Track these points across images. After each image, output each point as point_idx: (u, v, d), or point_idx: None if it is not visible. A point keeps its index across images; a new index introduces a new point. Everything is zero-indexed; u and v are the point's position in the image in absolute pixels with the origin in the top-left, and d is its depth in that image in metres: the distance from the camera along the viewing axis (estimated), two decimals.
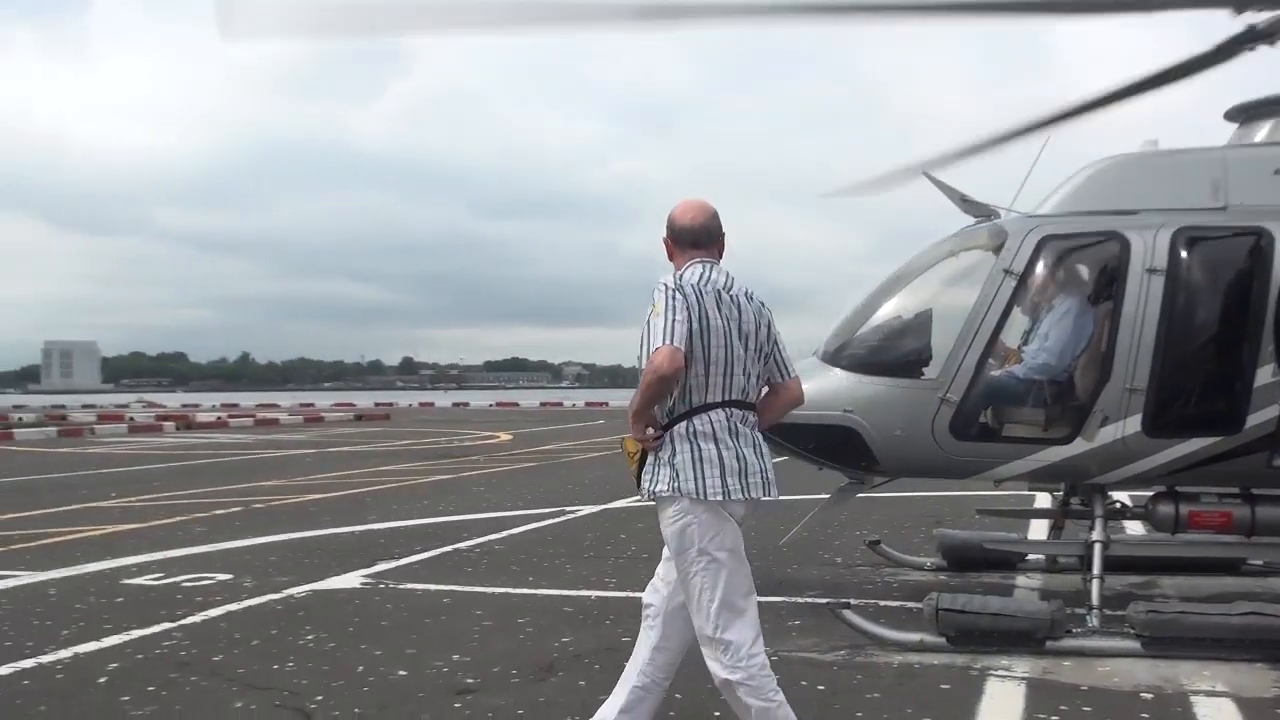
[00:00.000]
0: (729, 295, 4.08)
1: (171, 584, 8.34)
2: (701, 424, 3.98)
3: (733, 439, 4.01)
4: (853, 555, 9.34)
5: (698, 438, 3.97)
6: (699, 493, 3.95)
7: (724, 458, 3.97)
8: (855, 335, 7.34)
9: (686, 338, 3.90)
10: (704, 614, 4.02)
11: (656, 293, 3.99)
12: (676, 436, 3.99)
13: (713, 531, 3.99)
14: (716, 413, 4.00)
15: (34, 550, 10.13)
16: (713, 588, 4.00)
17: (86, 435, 33.16)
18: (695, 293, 3.99)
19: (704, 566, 3.99)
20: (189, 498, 14.54)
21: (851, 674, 5.77)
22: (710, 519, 3.98)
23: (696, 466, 3.95)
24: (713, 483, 3.96)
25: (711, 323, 3.98)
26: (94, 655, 6.25)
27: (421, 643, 6.42)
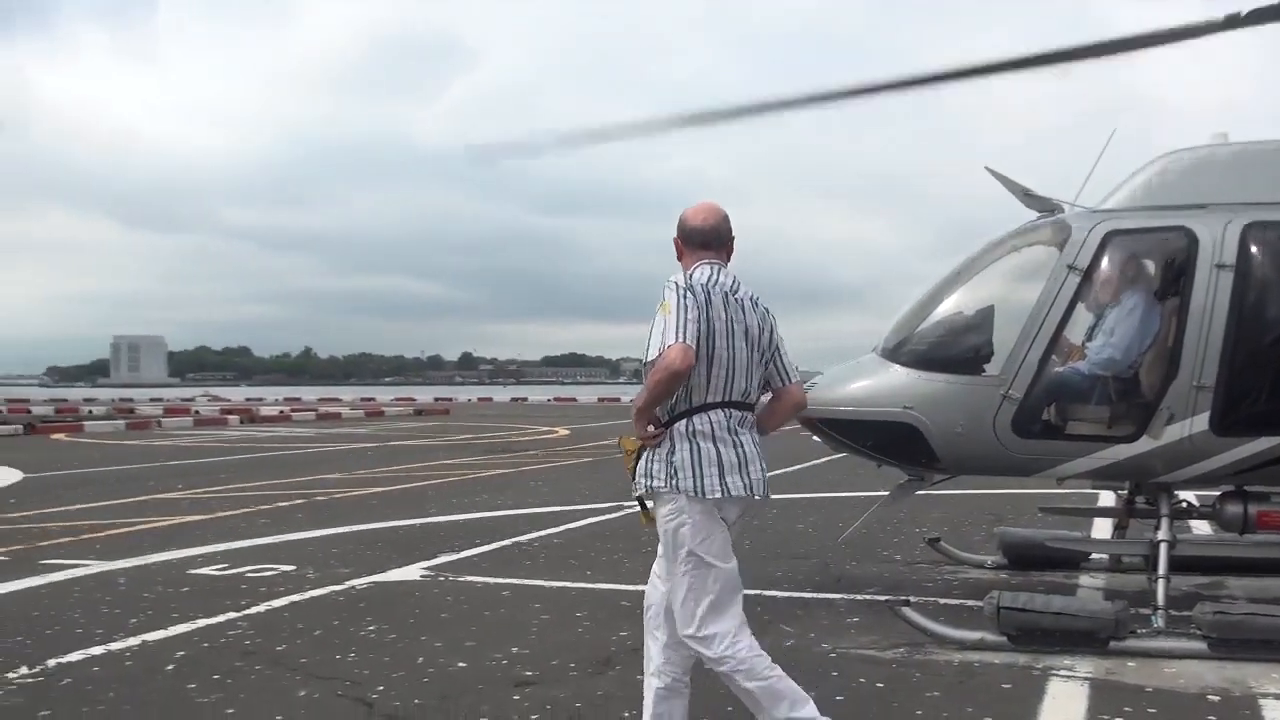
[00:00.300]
0: (735, 298, 4.16)
1: (236, 575, 8.47)
2: (701, 423, 4.05)
3: (731, 438, 4.09)
4: (912, 553, 9.27)
5: (697, 436, 4.05)
6: (697, 491, 4.02)
7: (722, 457, 4.05)
8: (916, 331, 7.28)
9: (695, 332, 3.97)
10: (687, 613, 4.09)
11: (667, 291, 4.06)
12: (676, 435, 4.05)
13: (704, 534, 4.05)
14: (716, 413, 4.07)
15: (104, 540, 10.34)
16: (699, 590, 4.07)
17: (154, 428, 33.79)
18: (704, 293, 4.07)
19: (692, 569, 4.06)
20: (253, 490, 14.76)
21: (911, 672, 5.73)
22: (703, 521, 4.05)
23: (696, 465, 4.03)
24: (711, 482, 4.03)
25: (717, 324, 4.06)
26: (162, 643, 6.37)
27: (481, 635, 6.47)
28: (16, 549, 9.80)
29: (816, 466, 17.91)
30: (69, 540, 10.32)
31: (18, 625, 6.80)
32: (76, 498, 13.99)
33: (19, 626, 6.77)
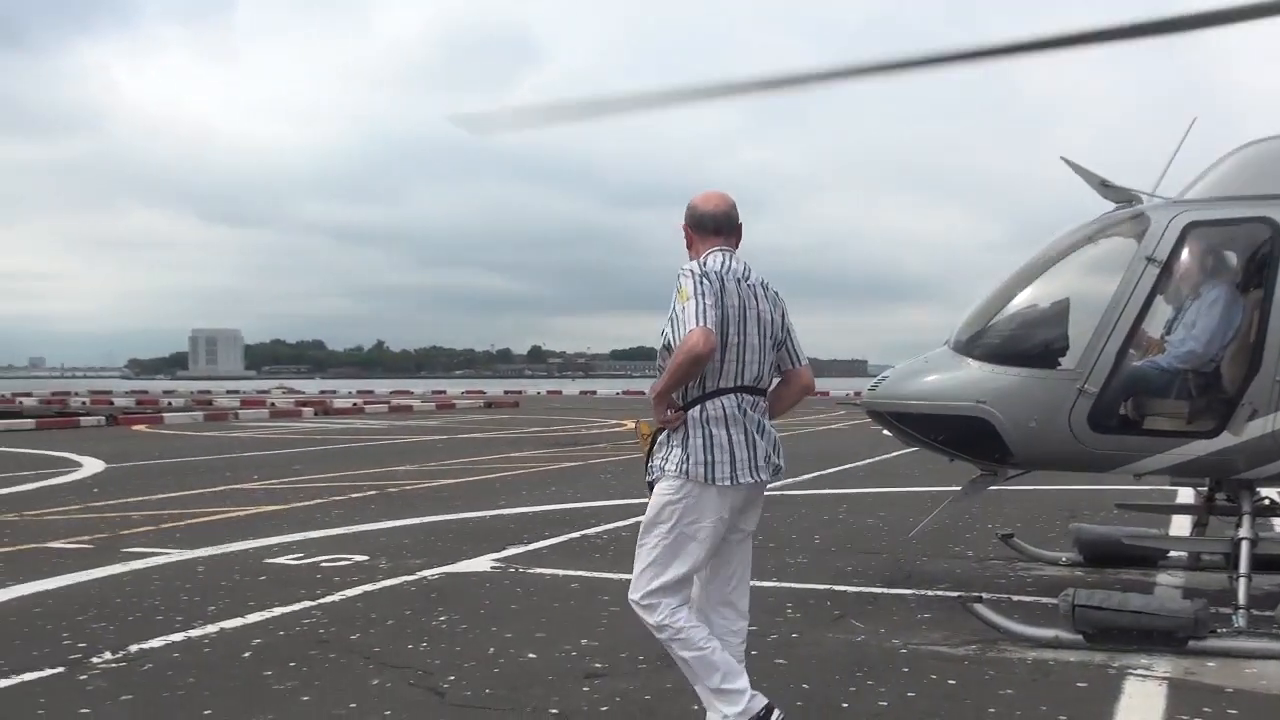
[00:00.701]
0: (747, 284, 4.22)
1: (311, 564, 8.61)
2: (714, 408, 4.11)
3: (743, 422, 4.14)
4: (984, 549, 9.16)
5: (710, 423, 4.10)
6: (707, 477, 4.08)
7: (734, 442, 4.11)
8: (989, 324, 7.19)
9: (715, 318, 4.03)
10: (643, 580, 4.15)
11: (683, 278, 4.11)
12: (690, 420, 4.11)
13: (693, 517, 4.11)
14: (728, 398, 4.13)
15: (183, 529, 10.56)
16: (663, 566, 4.12)
17: (230, 420, 34.43)
18: (719, 279, 4.13)
19: (672, 541, 4.12)
20: (327, 481, 14.98)
21: (983, 669, 5.67)
22: (697, 504, 4.10)
23: (708, 451, 4.09)
24: (721, 469, 4.09)
25: (730, 310, 4.12)
26: (239, 630, 6.49)
27: (550, 626, 6.51)
28: (100, 537, 10.05)
29: (887, 461, 17.77)
30: (150, 529, 10.56)
31: (102, 611, 6.97)
32: (157, 487, 14.31)
33: (103, 612, 6.94)
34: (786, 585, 7.73)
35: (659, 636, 4.18)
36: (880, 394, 7.51)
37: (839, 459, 18.44)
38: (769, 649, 5.99)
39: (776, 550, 9.17)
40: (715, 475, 4.08)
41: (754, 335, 4.18)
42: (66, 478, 15.88)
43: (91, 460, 18.70)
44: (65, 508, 12.26)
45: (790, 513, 11.59)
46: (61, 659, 5.85)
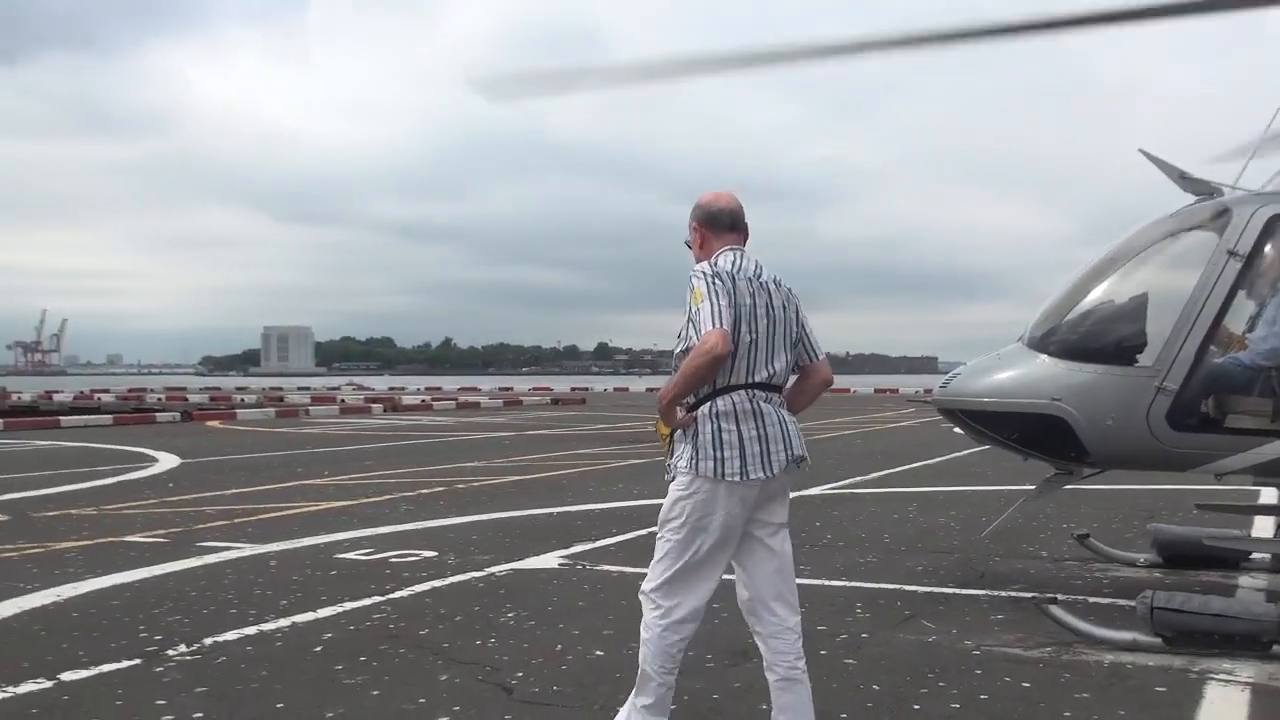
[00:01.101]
0: (759, 282, 4.23)
1: (380, 559, 8.70)
2: (724, 404, 4.12)
3: (754, 418, 4.12)
4: (1060, 549, 9.02)
5: (720, 418, 4.11)
6: (717, 473, 4.07)
7: (744, 438, 4.10)
8: (1064, 320, 7.07)
9: (732, 320, 4.05)
10: (654, 573, 4.20)
11: (695, 279, 4.14)
12: (700, 417, 4.12)
13: (703, 513, 4.11)
14: (739, 394, 4.13)
15: (256, 524, 10.73)
16: (676, 557, 4.15)
17: (301, 416, 34.94)
18: (730, 278, 4.15)
19: (684, 535, 4.13)
20: (396, 477, 15.14)
21: (1058, 672, 5.57)
22: (708, 499, 4.10)
23: (716, 448, 4.09)
24: (731, 465, 4.08)
25: (741, 309, 4.12)
26: (310, 625, 6.58)
27: (618, 624, 6.52)
28: (175, 531, 10.25)
29: (958, 459, 17.56)
30: (223, 523, 10.75)
31: (177, 604, 7.11)
32: (230, 482, 14.56)
33: (178, 605, 7.07)
34: (856, 584, 7.67)
35: (643, 634, 4.20)
36: (952, 391, 7.42)
37: (908, 457, 18.26)
38: (838, 649, 5.95)
39: (845, 549, 9.10)
40: (725, 471, 4.07)
41: (765, 333, 4.19)
42: (143, 473, 16.22)
43: (167, 455, 19.07)
44: (142, 502, 12.52)
45: (859, 511, 11.50)
46: (138, 651, 5.97)
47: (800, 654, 4.31)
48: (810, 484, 13.84)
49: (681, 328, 4.20)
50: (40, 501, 12.73)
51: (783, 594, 4.31)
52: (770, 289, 4.25)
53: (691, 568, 4.16)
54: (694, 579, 4.18)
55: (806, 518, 10.96)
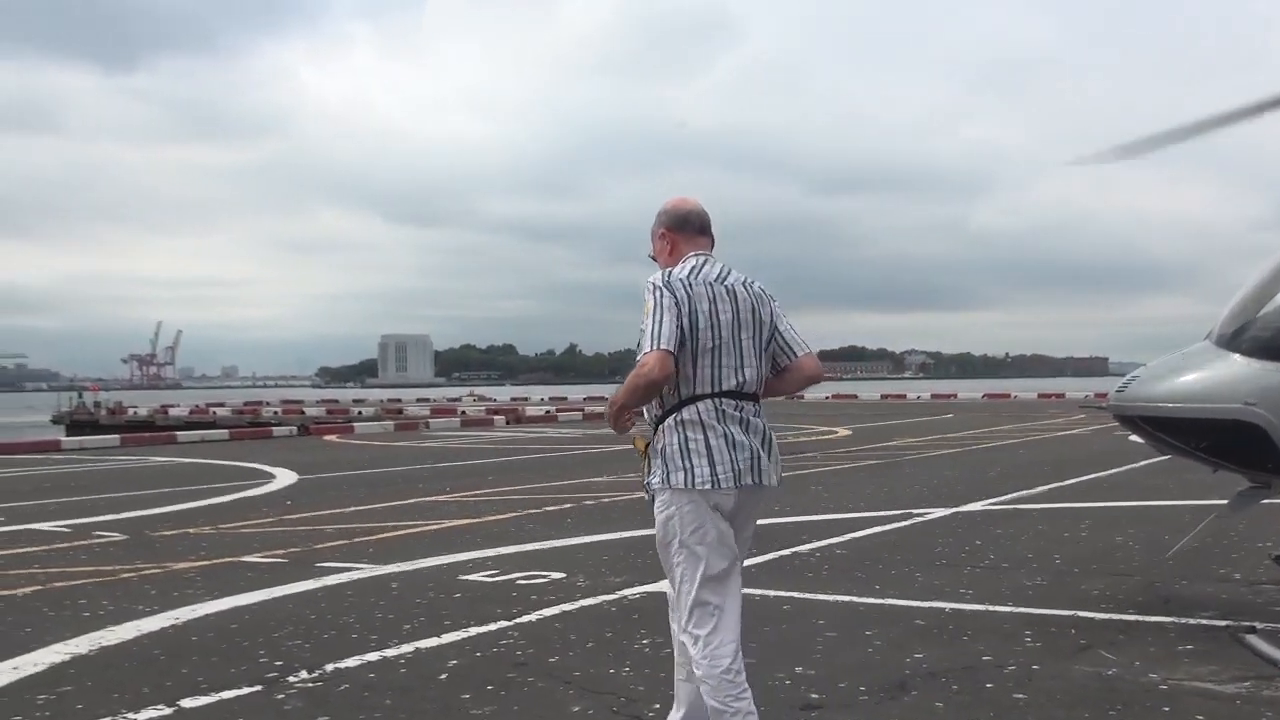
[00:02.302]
0: (723, 286, 4.31)
1: (506, 581, 8.80)
2: (689, 413, 4.21)
3: (722, 426, 4.21)
4: (1255, 571, 8.65)
5: (685, 427, 4.20)
6: (686, 483, 4.16)
7: (711, 446, 4.19)
8: (1260, 315, 6.79)
9: (676, 336, 4.13)
10: (682, 606, 4.26)
11: (647, 293, 4.24)
12: (666, 429, 4.23)
13: (694, 524, 4.19)
14: (705, 403, 4.21)
15: (376, 544, 10.97)
16: (691, 581, 4.21)
17: (421, 429, 35.71)
18: (684, 286, 4.23)
19: (684, 559, 4.21)
20: (521, 493, 15.33)
21: (1258, 710, 5.33)
22: (693, 511, 4.18)
23: (684, 457, 4.18)
24: (700, 473, 4.16)
25: (700, 316, 4.20)
26: (434, 651, 6.68)
27: (761, 652, 6.46)
28: (294, 551, 10.54)
29: (1137, 470, 17.04)
30: (343, 543, 11.01)
31: (297, 628, 7.29)
32: (349, 500, 14.92)
33: (298, 629, 7.26)
34: (1023, 610, 7.47)
35: (697, 672, 4.21)
36: (1130, 396, 7.19)
37: (1079, 468, 17.77)
38: (1006, 681, 5.80)
39: (1011, 571, 8.89)
40: (695, 480, 4.16)
41: (731, 339, 4.26)
42: (260, 490, 16.74)
43: (284, 472, 19.66)
44: (259, 521, 12.92)
45: (1026, 529, 11.23)
46: (259, 677, 6.14)
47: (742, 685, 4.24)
48: (970, 499, 13.61)
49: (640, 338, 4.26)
50: (157, 520, 13.23)
51: None
52: (737, 292, 4.33)
53: (709, 587, 4.21)
54: (717, 598, 4.22)
55: (965, 536, 10.75)
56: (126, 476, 19.76)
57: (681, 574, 4.23)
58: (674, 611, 4.44)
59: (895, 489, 15.32)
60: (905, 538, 10.81)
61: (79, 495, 16.52)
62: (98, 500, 15.72)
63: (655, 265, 4.53)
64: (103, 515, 13.79)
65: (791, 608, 7.69)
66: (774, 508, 13.25)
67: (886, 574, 8.88)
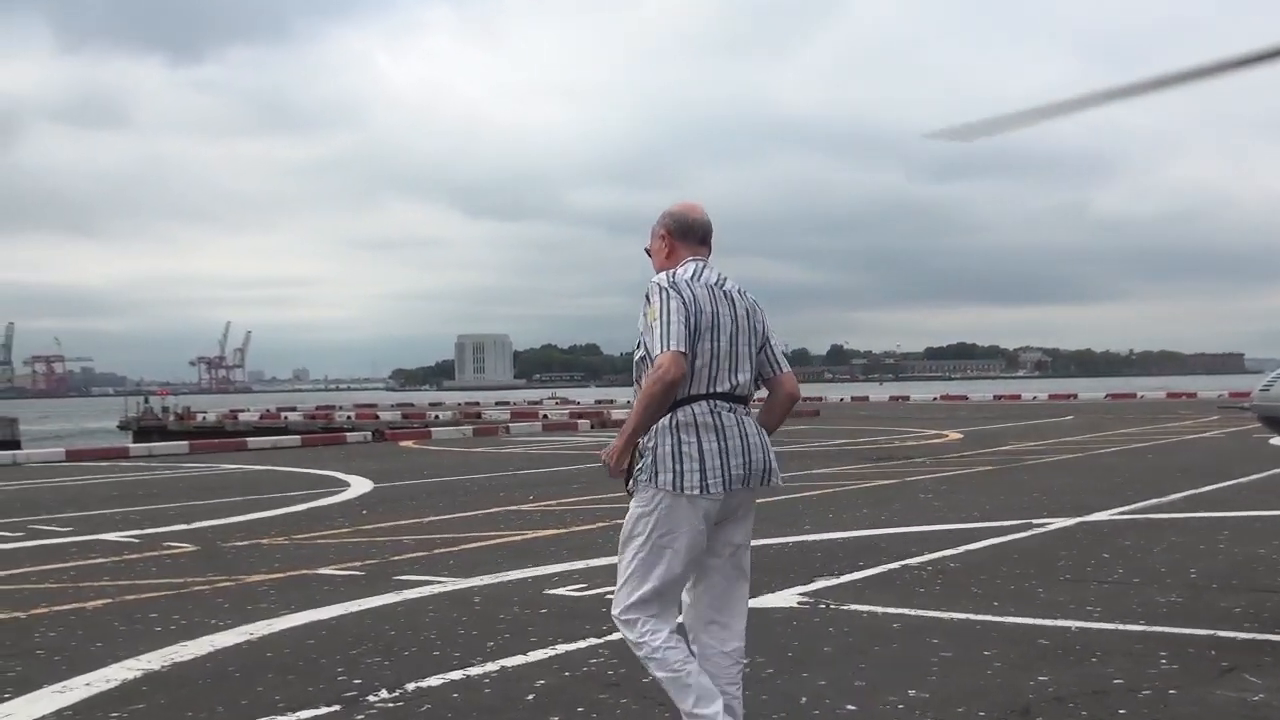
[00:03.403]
0: (721, 291, 4.63)
1: (595, 595, 8.82)
2: (684, 415, 4.47)
3: (716, 429, 4.49)
4: None
5: (680, 429, 4.46)
6: (676, 486, 4.42)
7: (704, 450, 4.45)
8: None
9: (686, 336, 4.41)
10: (622, 596, 4.55)
11: (651, 293, 4.52)
12: (659, 430, 4.47)
13: (667, 528, 4.45)
14: (699, 404, 4.49)
15: (457, 555, 11.07)
16: (640, 580, 4.50)
17: (501, 434, 35.98)
18: (688, 287, 4.55)
19: (646, 554, 4.49)
20: (607, 502, 15.36)
21: None
22: (669, 515, 4.45)
23: (676, 460, 4.44)
24: (690, 478, 4.42)
25: (701, 318, 4.50)
26: (521, 670, 6.72)
27: (871, 674, 6.41)
28: (371, 563, 10.67)
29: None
30: (422, 554, 11.13)
31: (376, 644, 7.38)
32: (427, 509, 15.09)
33: (377, 646, 7.34)
34: (1158, 629, 7.32)
35: (637, 654, 4.57)
36: (1277, 395, 7.01)
37: (1215, 474, 17.39)
38: (1140, 707, 5.68)
39: (1142, 587, 8.71)
40: (684, 484, 4.42)
41: (727, 343, 4.55)
42: (334, 498, 16.99)
43: (359, 479, 19.93)
44: (335, 531, 13.11)
45: (1156, 540, 11.01)
46: (337, 696, 6.22)
47: (736, 680, 4.70)
48: (1094, 507, 13.39)
49: (639, 337, 4.56)
50: (229, 530, 13.48)
51: (728, 617, 4.71)
52: (734, 298, 4.66)
53: (660, 589, 4.50)
54: (665, 599, 4.54)
55: (1091, 549, 10.57)
56: (196, 484, 20.17)
57: (634, 568, 4.51)
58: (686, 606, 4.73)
59: (1012, 497, 15.11)
60: (1025, 550, 10.65)
61: (148, 504, 16.90)
62: (167, 509, 16.07)
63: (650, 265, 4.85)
64: (173, 525, 14.10)
65: (902, 626, 7.61)
66: (881, 516, 13.17)
67: (1005, 589, 8.75)
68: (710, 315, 4.52)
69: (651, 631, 4.50)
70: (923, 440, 28.16)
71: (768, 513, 13.88)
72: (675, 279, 4.57)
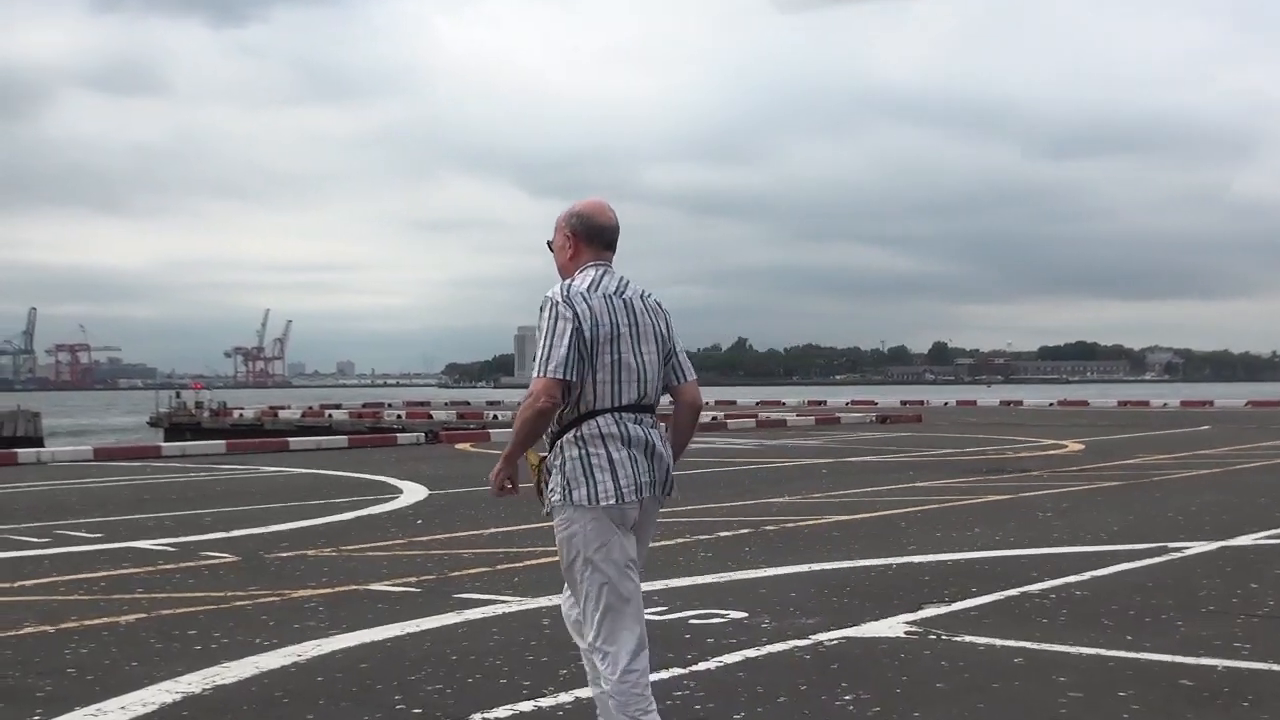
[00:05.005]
0: (621, 299, 4.95)
1: (677, 620, 8.81)
2: (589, 428, 4.83)
3: (623, 439, 4.85)
4: None
5: (587, 442, 4.82)
6: (591, 499, 4.79)
7: (614, 460, 4.82)
8: None
9: (569, 358, 4.73)
10: (589, 622, 4.88)
11: (543, 308, 4.85)
12: (565, 444, 4.85)
13: (598, 541, 4.82)
14: (605, 418, 4.84)
15: (522, 571, 11.11)
16: (597, 598, 4.84)
17: None
18: (584, 300, 4.85)
19: (589, 575, 4.84)
20: (688, 515, 15.34)
21: None
22: (596, 528, 4.81)
23: (587, 474, 4.80)
24: (604, 488, 4.80)
25: (601, 330, 4.82)
26: None
27: (991, 713, 6.35)
28: (428, 579, 10.73)
29: None
30: (483, 570, 11.17)
31: (436, 670, 7.41)
32: (488, 519, 15.13)
33: (437, 672, 7.37)
34: None
35: (605, 688, 4.86)
36: None
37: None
38: None
39: None
40: (598, 494, 4.79)
41: (631, 353, 4.88)
42: (385, 506, 17.12)
43: (412, 485, 20.08)
44: (387, 543, 13.21)
45: None
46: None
47: (649, 699, 4.91)
48: (1238, 530, 13.19)
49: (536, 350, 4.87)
50: (272, 540, 13.62)
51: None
52: (636, 305, 4.98)
53: (615, 603, 4.83)
54: (624, 613, 4.85)
55: (1236, 576, 10.40)
56: (235, 489, 20.43)
57: (588, 591, 4.85)
58: (576, 625, 5.12)
59: (1143, 517, 14.92)
60: (1160, 577, 10.49)
61: (183, 509, 17.14)
62: (204, 516, 16.28)
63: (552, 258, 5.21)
64: (211, 533, 14.27)
65: (1025, 661, 7.52)
66: (994, 537, 13.04)
67: (1140, 621, 8.62)
68: (610, 327, 4.83)
69: (626, 672, 4.83)
70: (1039, 451, 27.87)
71: (866, 531, 13.82)
72: (571, 292, 4.87)
